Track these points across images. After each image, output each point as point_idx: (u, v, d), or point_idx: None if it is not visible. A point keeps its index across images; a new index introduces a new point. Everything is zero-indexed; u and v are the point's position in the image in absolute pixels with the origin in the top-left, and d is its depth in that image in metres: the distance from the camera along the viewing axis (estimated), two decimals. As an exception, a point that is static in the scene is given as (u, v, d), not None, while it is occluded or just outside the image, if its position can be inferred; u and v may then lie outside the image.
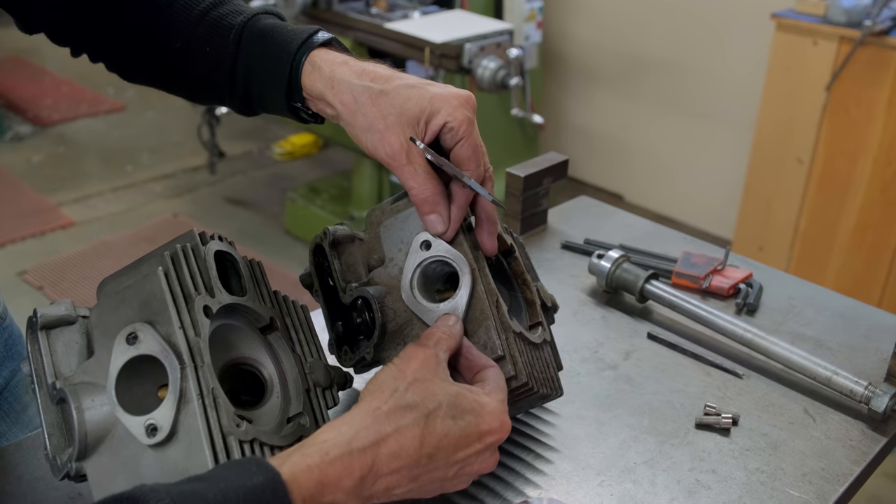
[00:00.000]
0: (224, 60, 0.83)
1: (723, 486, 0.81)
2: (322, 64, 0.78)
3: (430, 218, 0.75)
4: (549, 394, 0.82)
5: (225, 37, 0.83)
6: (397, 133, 0.73)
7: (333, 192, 3.51)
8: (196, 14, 0.84)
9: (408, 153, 0.73)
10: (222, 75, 0.84)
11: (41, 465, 0.79)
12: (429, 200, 0.74)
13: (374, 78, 0.75)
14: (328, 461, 0.58)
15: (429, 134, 0.74)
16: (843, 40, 2.42)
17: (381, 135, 0.73)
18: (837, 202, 2.61)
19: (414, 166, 0.73)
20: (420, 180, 0.73)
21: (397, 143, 0.73)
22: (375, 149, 0.74)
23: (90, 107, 4.66)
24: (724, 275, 1.12)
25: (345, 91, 0.75)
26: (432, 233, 0.76)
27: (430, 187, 0.74)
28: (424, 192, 0.74)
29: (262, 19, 0.83)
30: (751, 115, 3.00)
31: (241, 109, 0.87)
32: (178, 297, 0.65)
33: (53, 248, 3.33)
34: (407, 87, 0.74)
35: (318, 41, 0.79)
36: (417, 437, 0.62)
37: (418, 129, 0.74)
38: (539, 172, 1.23)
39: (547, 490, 0.80)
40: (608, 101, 3.78)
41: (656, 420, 0.89)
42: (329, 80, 0.77)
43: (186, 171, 4.04)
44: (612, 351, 1.01)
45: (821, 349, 1.01)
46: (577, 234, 1.27)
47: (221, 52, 0.83)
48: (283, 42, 0.80)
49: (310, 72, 0.78)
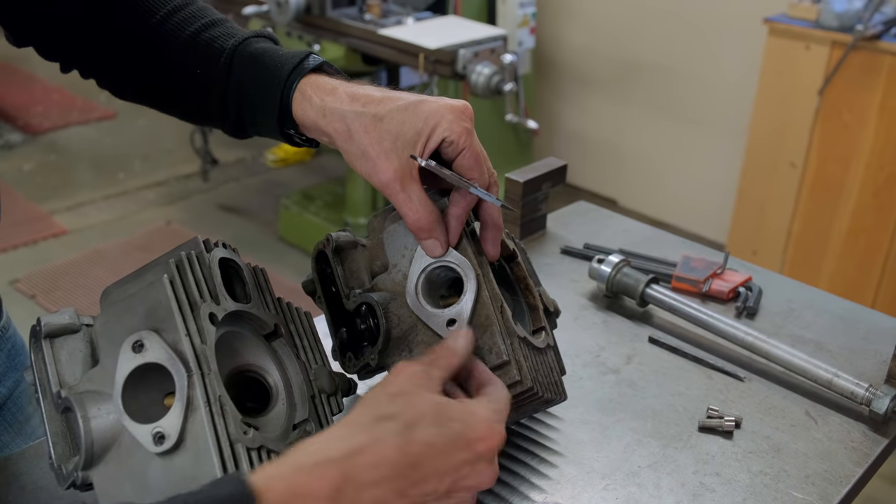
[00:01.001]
0: (215, 84, 0.82)
1: (727, 489, 0.81)
2: (312, 93, 0.77)
3: (427, 243, 0.75)
4: (553, 398, 0.82)
5: (216, 60, 0.82)
6: (391, 160, 0.72)
7: (327, 199, 3.51)
8: (188, 35, 0.83)
9: (402, 181, 0.73)
10: (213, 99, 0.83)
11: (44, 474, 0.78)
12: (425, 228, 0.74)
13: (367, 102, 0.74)
14: (300, 470, 0.55)
15: (427, 152, 0.74)
16: (835, 45, 2.44)
17: (375, 163, 0.73)
18: (830, 206, 2.62)
19: (408, 193, 0.73)
20: (414, 208, 0.73)
21: (391, 170, 0.72)
22: (370, 176, 0.74)
23: (81, 114, 4.64)
24: (723, 278, 1.13)
25: (337, 119, 0.75)
26: (430, 256, 0.76)
27: (425, 214, 0.73)
28: (420, 221, 0.74)
29: (252, 43, 0.82)
30: (744, 119, 3.01)
31: (234, 133, 0.86)
32: (183, 304, 0.65)
33: (46, 256, 3.32)
34: (401, 111, 0.73)
35: (307, 67, 0.78)
36: (397, 445, 0.58)
37: (416, 150, 0.73)
38: (538, 178, 1.24)
39: (552, 494, 0.80)
40: (601, 106, 3.80)
41: (659, 423, 0.89)
42: (320, 109, 0.76)
43: (179, 178, 4.04)
44: (613, 355, 1.01)
45: (821, 352, 1.02)
46: (577, 239, 1.27)
47: (212, 75, 0.82)
48: (273, 68, 0.79)
49: (300, 101, 0.77)
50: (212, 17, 0.85)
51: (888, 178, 2.48)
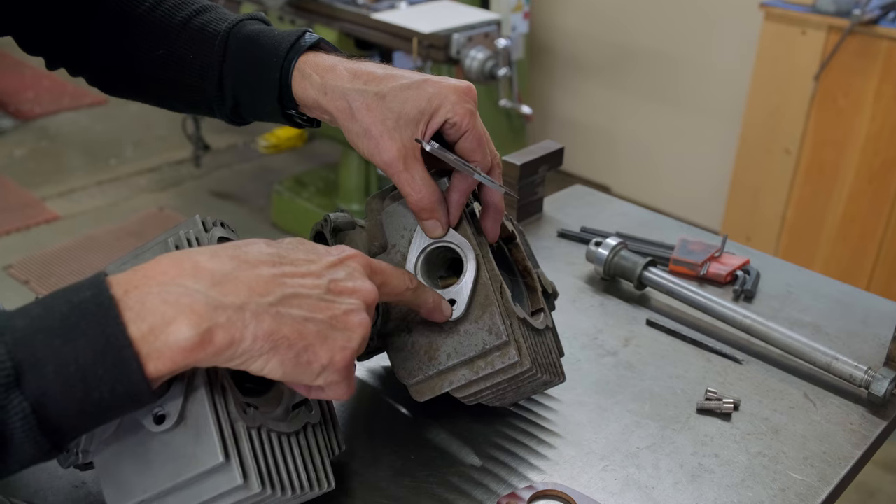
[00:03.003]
0: (210, 69, 0.81)
1: (726, 470, 0.81)
2: (311, 71, 0.76)
3: (428, 223, 0.75)
4: (551, 380, 0.81)
5: (210, 44, 0.80)
6: (394, 139, 0.72)
7: (320, 185, 3.49)
8: (178, 21, 0.82)
9: (405, 160, 0.72)
10: (209, 84, 0.81)
11: (41, 456, 0.78)
12: (426, 208, 0.74)
13: (368, 80, 0.73)
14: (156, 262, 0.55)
15: (429, 132, 0.73)
16: (831, 30, 2.43)
17: (377, 142, 0.72)
18: (825, 192, 2.63)
19: (411, 173, 0.72)
20: (417, 187, 0.72)
21: (394, 149, 0.72)
22: (372, 155, 0.73)
23: (72, 100, 4.61)
24: (721, 262, 1.13)
25: (338, 97, 0.74)
26: (430, 237, 0.76)
27: (427, 194, 0.73)
28: (422, 201, 0.73)
29: (247, 25, 0.81)
30: (738, 105, 3.01)
31: (231, 119, 0.85)
32: (182, 283, 0.64)
33: (39, 242, 3.30)
34: (403, 89, 0.72)
35: (305, 45, 0.77)
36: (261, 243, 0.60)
37: (418, 130, 0.72)
38: (535, 160, 1.23)
39: (550, 475, 0.80)
40: (595, 92, 3.79)
41: (658, 405, 0.89)
42: (321, 87, 0.75)
43: (171, 164, 4.01)
44: (611, 338, 1.01)
45: (819, 335, 1.02)
46: (573, 223, 1.26)
47: (206, 59, 0.81)
48: (269, 48, 0.78)
49: (299, 80, 0.76)
50: (201, 4, 0.84)
51: (883, 163, 2.48)
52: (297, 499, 0.67)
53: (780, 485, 0.79)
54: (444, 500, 0.76)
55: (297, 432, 0.68)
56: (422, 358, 0.77)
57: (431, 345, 0.76)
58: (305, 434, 0.70)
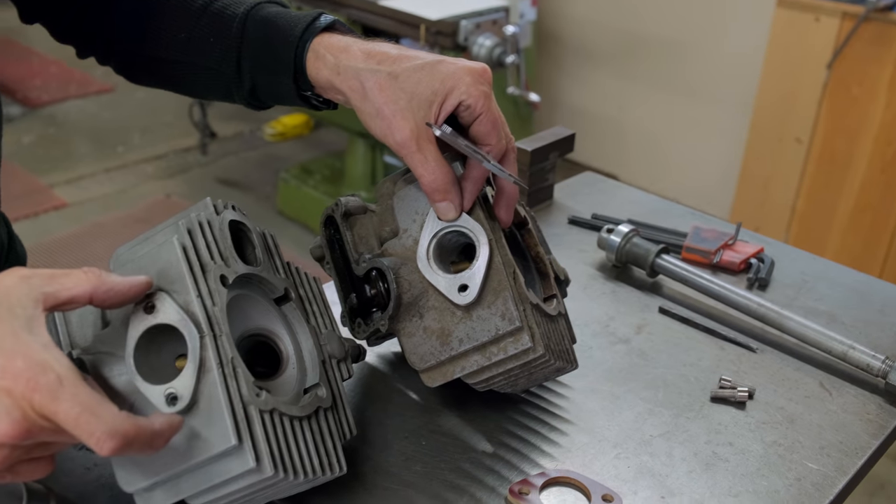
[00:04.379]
0: (229, 52, 0.81)
1: (740, 459, 0.80)
2: (325, 52, 0.76)
3: (441, 205, 0.74)
4: (564, 366, 0.81)
5: (228, 27, 0.81)
6: (407, 119, 0.71)
7: (326, 173, 3.48)
8: (199, 5, 0.83)
9: (417, 140, 0.71)
10: (228, 67, 0.82)
11: (50, 439, 0.77)
12: (440, 189, 0.73)
13: (382, 60, 0.73)
14: None
15: (443, 115, 0.72)
16: (845, 16, 2.41)
17: (390, 122, 0.71)
18: (836, 182, 2.60)
19: (424, 154, 0.71)
20: (430, 168, 0.72)
21: (407, 129, 0.71)
22: (384, 136, 0.72)
23: (79, 87, 4.60)
24: (735, 249, 1.12)
25: (352, 77, 0.73)
26: (443, 219, 0.75)
27: (441, 175, 0.72)
28: (435, 182, 0.72)
29: (264, 7, 0.81)
30: (749, 94, 2.98)
31: (249, 102, 0.85)
32: (194, 265, 0.63)
33: (47, 228, 3.30)
34: (417, 69, 0.72)
35: (319, 26, 0.77)
36: None
37: (431, 111, 0.71)
38: (546, 147, 1.22)
39: (563, 462, 0.79)
40: (604, 80, 3.76)
41: (671, 393, 0.89)
42: (334, 67, 0.74)
43: (178, 151, 4.01)
44: (623, 325, 1.00)
45: (834, 324, 1.01)
46: (584, 210, 1.25)
47: (225, 42, 0.81)
48: (285, 29, 0.78)
49: (314, 61, 0.76)
50: None
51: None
52: (308, 483, 0.67)
53: (795, 474, 0.78)
54: (455, 486, 0.75)
55: (309, 416, 0.68)
56: (434, 343, 0.76)
57: (444, 330, 0.75)
58: (317, 418, 0.69)
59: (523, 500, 0.73)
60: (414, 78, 0.71)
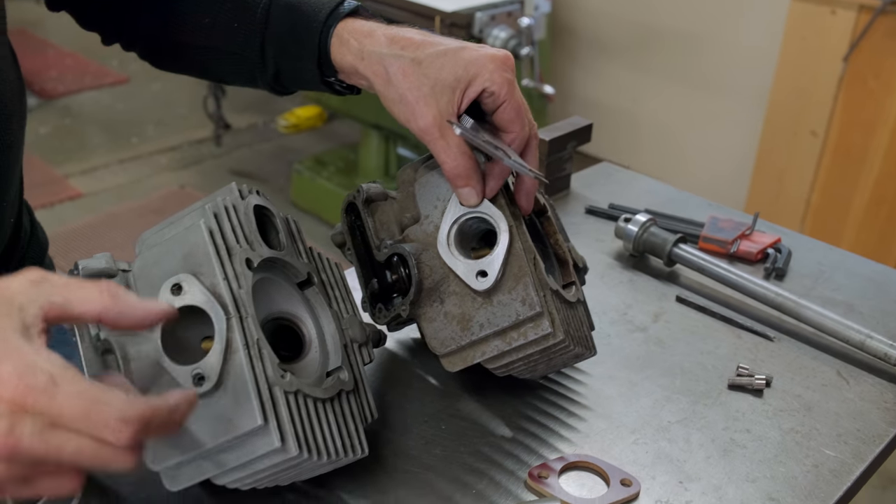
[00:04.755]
0: (253, 37, 0.82)
1: (758, 445, 0.80)
2: (349, 37, 0.76)
3: (463, 191, 0.74)
4: (583, 352, 0.81)
5: (252, 11, 0.82)
6: (430, 105, 0.71)
7: (340, 165, 3.49)
8: None
9: (440, 127, 0.72)
10: (252, 51, 0.83)
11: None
12: (462, 175, 0.73)
13: (405, 45, 0.73)
14: None
15: (465, 101, 0.73)
16: (862, 9, 2.39)
17: (413, 108, 0.72)
18: (852, 176, 2.59)
19: (447, 140, 0.72)
20: (452, 154, 0.72)
21: (430, 116, 0.71)
22: (408, 121, 0.73)
23: (94, 79, 4.62)
24: (752, 239, 1.12)
25: (376, 62, 0.74)
26: (465, 205, 0.76)
27: (463, 162, 0.72)
28: (457, 168, 0.73)
29: None
30: (764, 87, 2.97)
31: (273, 87, 0.86)
32: (221, 248, 0.64)
33: (62, 218, 3.32)
34: (440, 55, 0.72)
35: (343, 11, 0.78)
36: None
37: (454, 98, 0.72)
38: (564, 136, 1.23)
39: (581, 447, 0.79)
40: (617, 72, 3.75)
41: (688, 381, 0.89)
42: (358, 52, 0.75)
43: (192, 143, 4.02)
44: (640, 313, 1.00)
45: (852, 313, 1.01)
46: (601, 200, 1.26)
47: (249, 27, 0.82)
48: (309, 14, 0.78)
49: (338, 46, 0.77)
50: None
51: (912, 147, 2.45)
52: (331, 464, 0.68)
53: (813, 461, 0.79)
54: (475, 469, 0.76)
55: (332, 399, 0.69)
56: (454, 328, 0.76)
57: (464, 315, 0.76)
58: (339, 401, 0.70)
59: (543, 483, 0.74)
60: (437, 64, 0.71)
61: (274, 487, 0.71)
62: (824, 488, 0.76)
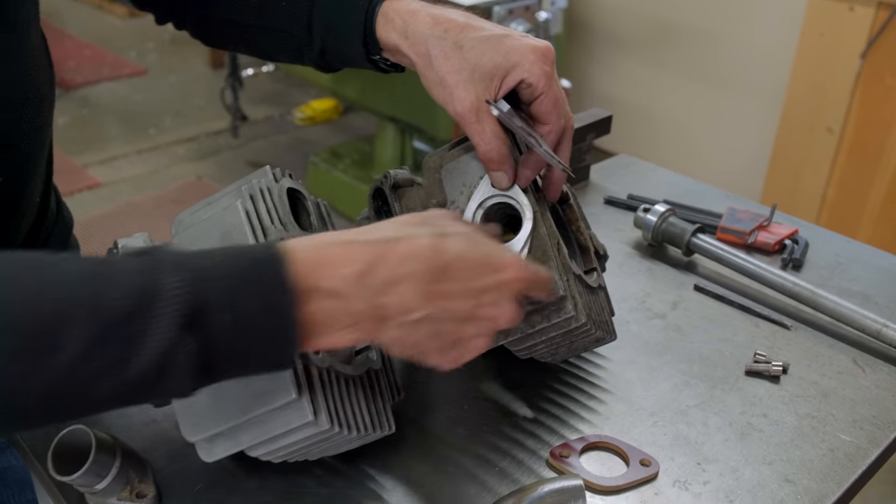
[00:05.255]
0: (300, 14, 0.84)
1: (774, 430, 0.82)
2: (394, 15, 0.78)
3: (496, 175, 0.76)
4: (604, 336, 0.83)
5: None
6: (469, 90, 0.73)
7: (356, 157, 3.51)
8: None
9: (477, 112, 0.73)
10: (299, 28, 0.84)
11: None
12: (495, 159, 0.75)
13: (449, 28, 0.75)
14: (330, 243, 0.56)
15: (503, 90, 0.74)
16: (881, 6, 2.39)
17: (452, 91, 0.73)
18: (868, 173, 2.59)
19: (483, 125, 0.73)
20: (487, 139, 0.74)
21: (468, 100, 0.73)
22: (446, 104, 0.75)
23: (112, 70, 4.66)
24: (769, 230, 1.13)
25: (419, 42, 0.75)
26: (497, 188, 0.77)
27: (497, 147, 0.74)
28: (491, 153, 0.74)
29: None
30: (780, 83, 2.97)
31: (318, 64, 0.88)
32: (256, 229, 0.67)
33: (81, 207, 3.36)
34: (482, 41, 0.73)
35: None
36: (432, 245, 0.58)
37: (492, 85, 0.73)
38: (583, 128, 1.24)
39: (601, 428, 0.81)
40: (634, 68, 3.76)
41: (706, 367, 0.91)
42: (402, 31, 0.77)
43: (209, 134, 4.06)
44: (659, 301, 1.02)
45: (868, 304, 1.02)
46: (620, 190, 1.27)
47: (297, 4, 0.83)
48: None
49: (383, 24, 0.78)
50: None
51: (928, 144, 2.45)
52: (360, 439, 0.70)
53: (829, 445, 0.80)
54: (498, 448, 0.78)
55: (361, 376, 0.71)
56: (479, 311, 0.78)
57: (489, 298, 0.78)
58: (368, 378, 0.72)
59: (564, 462, 0.76)
60: (478, 49, 0.73)
61: (303, 462, 0.73)
62: (840, 471, 0.77)
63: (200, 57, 4.71)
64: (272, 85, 4.48)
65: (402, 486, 0.74)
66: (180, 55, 4.82)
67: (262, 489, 0.73)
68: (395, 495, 0.73)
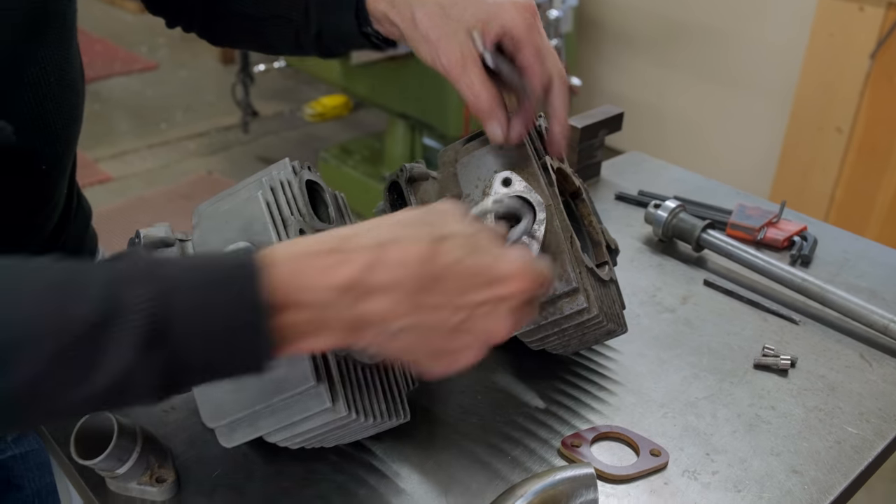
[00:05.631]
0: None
1: (782, 422, 0.83)
2: None
3: (490, 126, 0.76)
4: (615, 329, 0.84)
5: None
6: (452, 44, 0.74)
7: (366, 154, 3.53)
8: None
9: (464, 64, 0.74)
10: (297, 13, 0.87)
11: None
12: (485, 109, 0.75)
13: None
14: (314, 252, 0.53)
15: (487, 43, 0.75)
16: (891, 6, 2.39)
17: (437, 46, 0.75)
18: (877, 172, 2.60)
19: (470, 76, 0.74)
20: (476, 90, 0.74)
21: (453, 54, 0.74)
22: (433, 60, 0.76)
23: (123, 65, 4.69)
24: (778, 227, 1.14)
25: (404, 7, 0.78)
26: (494, 142, 0.78)
27: (486, 96, 0.74)
28: (481, 101, 0.75)
29: None
30: (790, 83, 2.98)
31: (317, 48, 0.89)
32: (276, 220, 0.68)
33: (93, 201, 3.33)
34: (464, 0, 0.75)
35: None
36: (424, 251, 0.55)
37: (476, 37, 0.75)
38: (595, 124, 1.25)
39: (612, 419, 0.83)
40: (643, 67, 3.76)
41: (715, 360, 0.92)
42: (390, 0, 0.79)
43: (220, 129, 4.08)
44: (669, 296, 1.03)
45: (876, 300, 1.03)
46: (631, 187, 1.29)
47: None
48: None
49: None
50: None
51: (937, 144, 2.45)
52: (375, 427, 0.72)
53: (836, 437, 0.82)
54: (510, 437, 0.80)
55: (377, 365, 0.72)
56: (492, 302, 0.80)
57: (502, 290, 0.79)
58: (384, 367, 0.73)
59: (575, 452, 0.78)
60: (460, 6, 0.75)
61: (319, 449, 0.75)
62: (846, 463, 0.79)
63: (211, 53, 4.73)
64: (283, 81, 4.50)
65: (415, 473, 0.76)
66: (191, 51, 4.85)
67: (280, 475, 0.75)
68: (409, 482, 0.75)
